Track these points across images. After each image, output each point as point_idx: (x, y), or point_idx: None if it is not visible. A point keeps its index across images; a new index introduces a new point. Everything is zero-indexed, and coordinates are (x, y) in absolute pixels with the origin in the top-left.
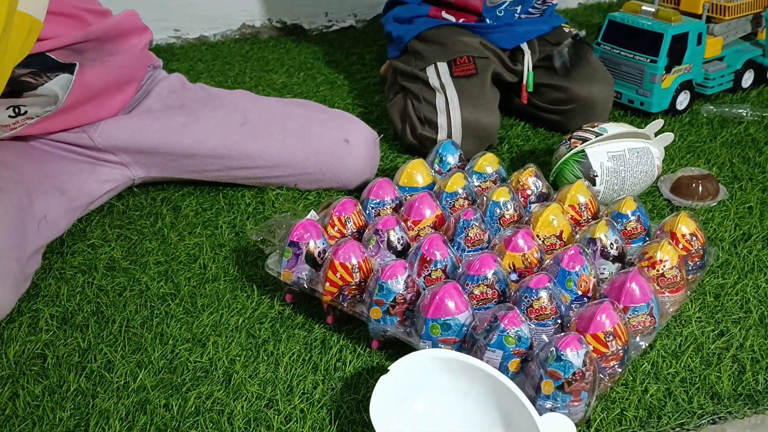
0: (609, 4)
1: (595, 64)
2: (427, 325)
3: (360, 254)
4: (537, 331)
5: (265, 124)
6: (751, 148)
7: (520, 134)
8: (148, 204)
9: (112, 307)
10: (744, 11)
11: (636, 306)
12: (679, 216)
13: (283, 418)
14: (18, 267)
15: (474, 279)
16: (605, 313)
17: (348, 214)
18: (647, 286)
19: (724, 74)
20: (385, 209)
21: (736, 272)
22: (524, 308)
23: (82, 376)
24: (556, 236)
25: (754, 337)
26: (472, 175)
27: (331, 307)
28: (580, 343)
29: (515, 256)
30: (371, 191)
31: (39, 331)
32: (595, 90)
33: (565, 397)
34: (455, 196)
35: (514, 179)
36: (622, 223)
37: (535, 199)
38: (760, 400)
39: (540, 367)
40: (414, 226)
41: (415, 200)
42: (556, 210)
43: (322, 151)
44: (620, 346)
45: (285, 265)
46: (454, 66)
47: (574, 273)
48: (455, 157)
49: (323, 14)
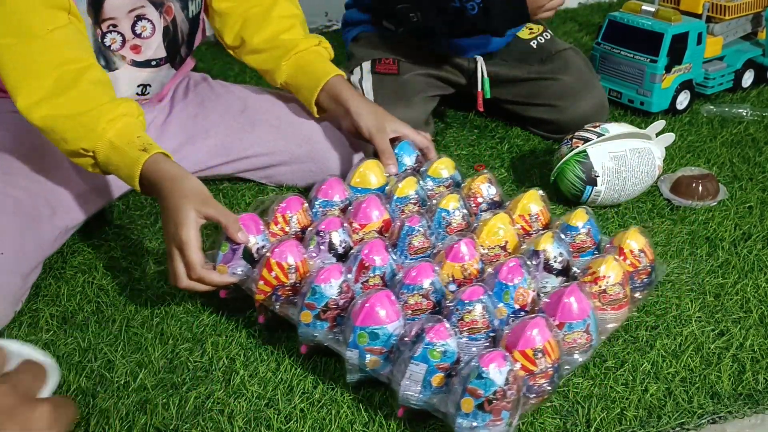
0: (609, 3)
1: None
2: (354, 333)
3: (299, 255)
4: (468, 344)
5: (263, 111)
6: (751, 147)
7: (521, 134)
8: (149, 204)
9: (112, 306)
10: (744, 11)
11: (572, 322)
12: (629, 231)
13: (283, 417)
14: (20, 281)
15: (409, 288)
16: (536, 329)
17: (293, 213)
18: (586, 302)
19: (724, 74)
20: (333, 210)
21: (736, 272)
22: (456, 321)
23: (82, 375)
24: (500, 247)
25: (754, 336)
26: (426, 178)
27: (264, 307)
28: (504, 360)
29: (454, 267)
30: (320, 190)
31: (39, 330)
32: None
33: (485, 416)
34: (406, 200)
35: (466, 186)
36: (571, 236)
37: (486, 207)
38: (760, 399)
39: (461, 384)
40: (360, 230)
41: (362, 202)
42: (504, 219)
43: (314, 138)
44: (550, 364)
45: (221, 259)
46: (378, 64)
47: (512, 286)
48: (412, 158)
49: (323, 14)
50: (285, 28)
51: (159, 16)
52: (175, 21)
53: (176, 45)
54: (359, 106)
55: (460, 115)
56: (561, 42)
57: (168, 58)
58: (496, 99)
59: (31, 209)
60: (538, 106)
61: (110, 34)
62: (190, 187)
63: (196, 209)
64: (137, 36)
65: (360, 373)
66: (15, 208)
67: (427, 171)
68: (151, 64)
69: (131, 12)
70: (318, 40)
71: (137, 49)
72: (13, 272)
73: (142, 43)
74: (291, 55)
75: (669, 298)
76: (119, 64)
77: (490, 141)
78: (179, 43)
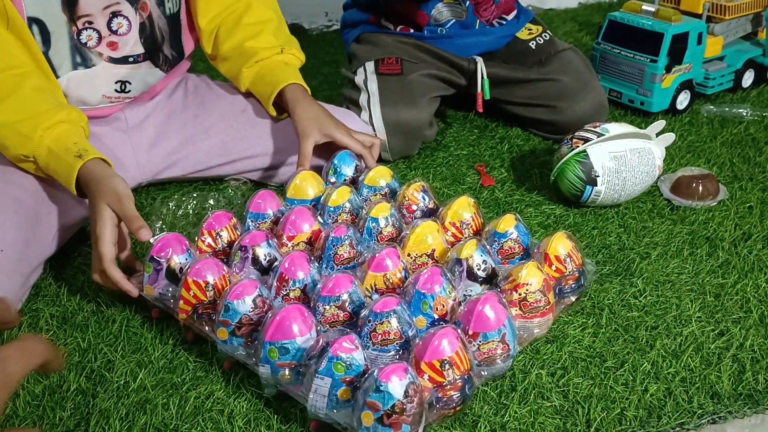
0: (609, 3)
1: (575, 81)
2: (264, 348)
3: (217, 272)
4: (379, 356)
5: (263, 111)
6: (751, 147)
7: (521, 134)
8: (149, 204)
9: (112, 306)
10: (744, 11)
11: (487, 332)
12: (555, 236)
13: (283, 417)
14: (21, 281)
15: (325, 300)
16: (445, 339)
17: (220, 228)
18: (501, 310)
19: (725, 74)
20: (265, 223)
21: (736, 272)
22: (368, 332)
23: (82, 375)
24: (428, 255)
25: (754, 336)
26: (363, 188)
27: (187, 327)
28: (405, 372)
29: (377, 276)
30: (252, 204)
31: (39, 330)
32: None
33: (385, 430)
34: (339, 210)
35: (401, 194)
36: (499, 243)
37: (420, 215)
38: (760, 399)
39: (362, 397)
40: (288, 242)
41: (291, 214)
42: (431, 227)
43: None
44: (458, 375)
45: (147, 280)
46: (381, 64)
47: (430, 296)
48: (351, 168)
49: (323, 14)
50: (252, 35)
51: (135, 12)
52: (152, 17)
53: (155, 42)
54: (301, 111)
55: (460, 115)
56: (560, 42)
57: (147, 56)
58: (496, 100)
59: (30, 208)
60: (538, 107)
61: (86, 31)
62: (111, 187)
63: (110, 206)
64: (113, 32)
65: (276, 387)
66: (15, 207)
67: (363, 180)
68: (128, 60)
69: (106, 9)
70: (281, 48)
71: (114, 45)
72: (14, 272)
73: (118, 40)
74: (252, 63)
75: (669, 298)
76: (96, 60)
77: (490, 141)
78: (158, 40)
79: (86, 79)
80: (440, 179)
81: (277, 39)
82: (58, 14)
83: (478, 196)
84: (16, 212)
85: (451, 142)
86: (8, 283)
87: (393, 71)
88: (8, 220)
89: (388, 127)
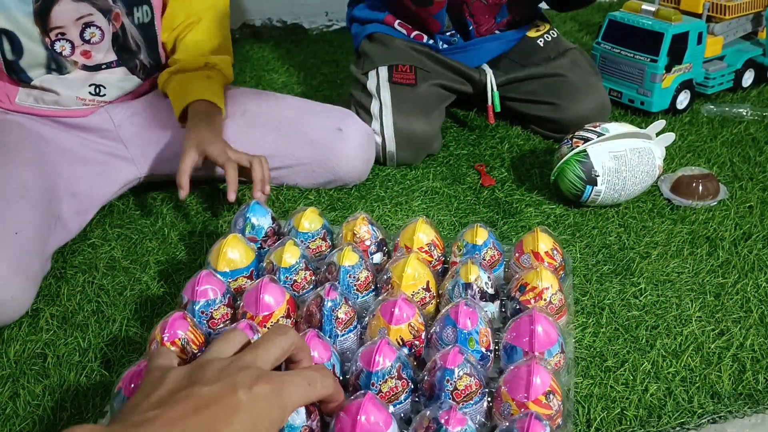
0: (609, 3)
1: (580, 80)
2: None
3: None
4: (469, 414)
5: (263, 113)
6: (751, 147)
7: (521, 134)
8: (149, 203)
9: (112, 306)
10: (744, 10)
11: (550, 348)
12: (535, 233)
13: None
14: (39, 265)
15: (378, 375)
16: (538, 374)
17: (183, 334)
18: (548, 322)
19: (725, 74)
20: (217, 310)
21: (736, 272)
22: (449, 393)
23: (82, 375)
24: (423, 289)
25: (755, 336)
26: (297, 236)
27: None
28: (541, 424)
29: (401, 329)
30: (193, 292)
31: (39, 330)
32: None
33: None
34: (294, 270)
35: (347, 232)
36: (480, 255)
37: (375, 249)
38: (761, 399)
39: None
40: (265, 323)
41: (253, 291)
42: (413, 261)
43: (316, 139)
44: (560, 401)
45: None
46: (395, 71)
47: (474, 330)
48: (266, 218)
49: (323, 14)
50: (189, 47)
51: (108, 22)
52: (124, 27)
53: (129, 50)
54: (190, 128)
55: (461, 115)
56: (566, 41)
57: (120, 62)
58: (503, 97)
59: (37, 194)
60: (542, 104)
61: (59, 41)
62: None
63: None
64: (86, 42)
65: None
66: (21, 192)
67: (293, 229)
68: (101, 67)
69: (79, 20)
70: (204, 63)
71: (87, 54)
72: (32, 252)
73: (91, 48)
74: (176, 69)
75: (669, 298)
76: (71, 68)
77: (490, 141)
78: (132, 48)
79: (60, 82)
80: (440, 179)
81: (210, 55)
82: (29, 26)
83: (479, 196)
84: (23, 197)
85: (451, 142)
86: (30, 263)
87: (407, 80)
88: (19, 205)
89: (399, 138)
